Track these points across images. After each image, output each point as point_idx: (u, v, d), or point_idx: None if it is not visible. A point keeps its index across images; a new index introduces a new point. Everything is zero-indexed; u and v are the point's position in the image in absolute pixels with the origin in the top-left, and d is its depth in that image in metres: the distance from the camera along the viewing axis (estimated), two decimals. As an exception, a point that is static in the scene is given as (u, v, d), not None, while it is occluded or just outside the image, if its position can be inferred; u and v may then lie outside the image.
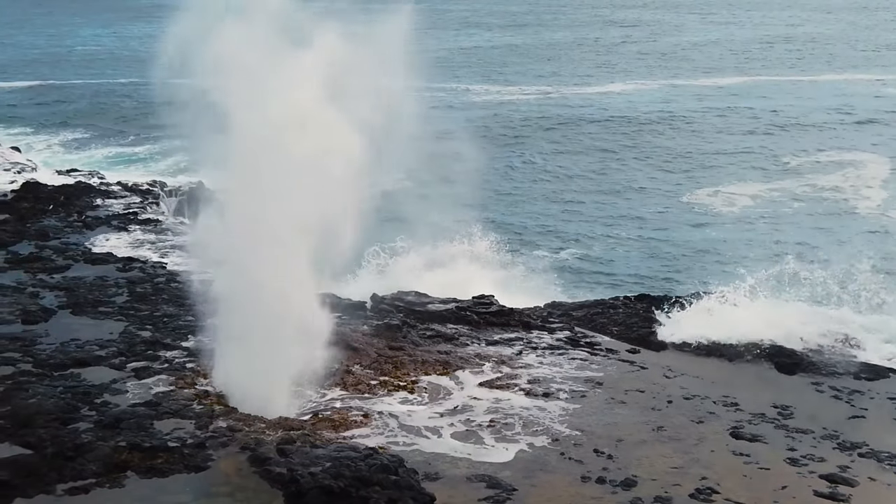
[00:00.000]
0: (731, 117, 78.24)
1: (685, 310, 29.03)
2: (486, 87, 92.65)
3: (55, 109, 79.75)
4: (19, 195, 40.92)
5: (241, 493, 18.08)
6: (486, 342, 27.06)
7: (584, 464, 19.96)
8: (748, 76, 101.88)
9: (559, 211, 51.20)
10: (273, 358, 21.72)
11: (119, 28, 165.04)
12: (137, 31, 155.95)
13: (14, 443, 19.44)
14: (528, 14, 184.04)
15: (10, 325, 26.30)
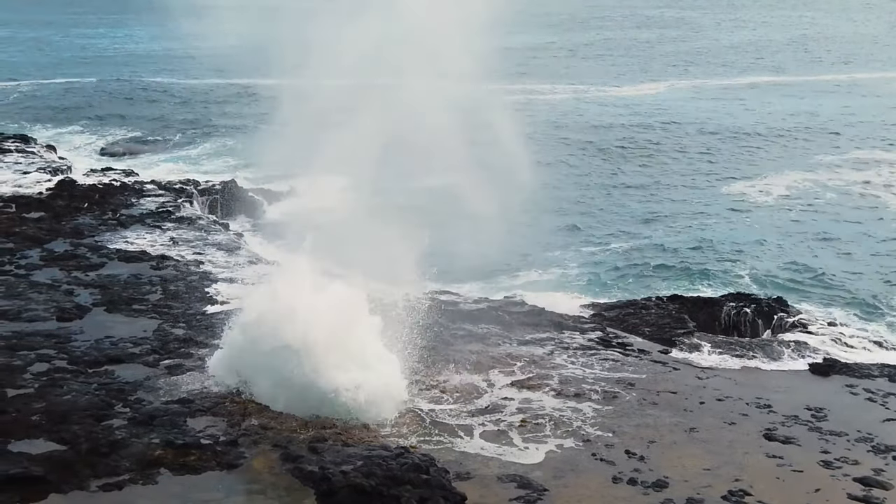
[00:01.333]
0: (768, 116, 77.96)
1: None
2: (521, 85, 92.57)
3: (93, 108, 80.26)
4: (54, 193, 41.24)
5: (272, 491, 18.15)
6: (517, 342, 27.00)
7: (615, 465, 19.91)
8: (784, 76, 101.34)
9: (592, 209, 51.06)
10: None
11: (154, 27, 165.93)
12: (173, 31, 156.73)
13: (49, 439, 19.62)
14: (562, 14, 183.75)
15: (45, 322, 26.51)
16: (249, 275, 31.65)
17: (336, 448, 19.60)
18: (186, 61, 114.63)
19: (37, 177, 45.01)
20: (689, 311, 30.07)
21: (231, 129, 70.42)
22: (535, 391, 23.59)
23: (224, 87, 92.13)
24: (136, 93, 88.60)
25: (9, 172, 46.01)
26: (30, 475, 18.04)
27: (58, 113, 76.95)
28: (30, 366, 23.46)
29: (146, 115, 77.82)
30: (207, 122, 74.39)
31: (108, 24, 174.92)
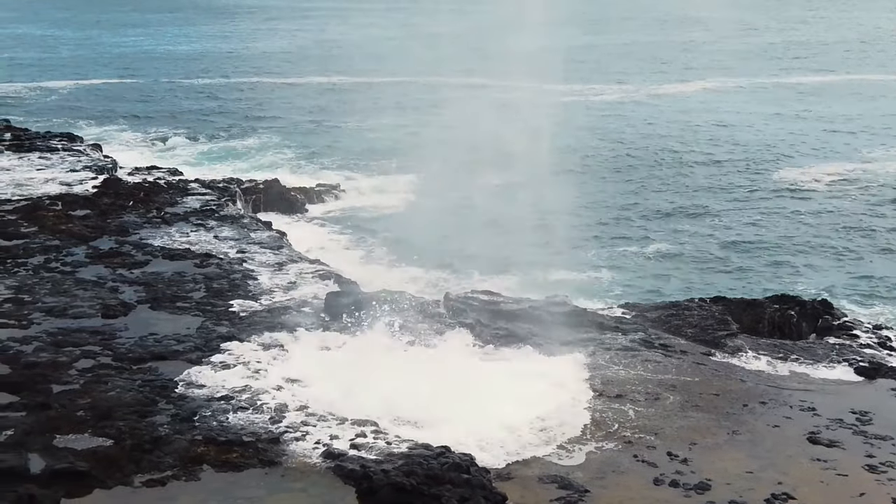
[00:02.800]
0: (814, 114, 77.50)
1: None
2: (566, 86, 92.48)
3: (139, 106, 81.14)
4: (100, 191, 41.63)
5: (314, 489, 18.23)
6: (558, 342, 26.88)
7: (657, 467, 19.81)
8: (830, 76, 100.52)
9: (635, 207, 50.95)
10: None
11: (200, 27, 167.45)
12: (216, 31, 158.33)
13: (94, 434, 19.84)
14: (603, 13, 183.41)
15: (90, 318, 26.79)
16: (291, 273, 31.81)
17: (377, 446, 19.67)
18: (233, 60, 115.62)
19: (83, 175, 45.46)
20: (733, 312, 29.80)
21: (286, 127, 71.04)
22: (575, 392, 23.46)
23: (276, 87, 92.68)
24: (184, 91, 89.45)
25: (56, 170, 46.50)
26: (75, 470, 18.26)
27: (104, 111, 77.88)
28: (75, 362, 23.72)
29: (195, 113, 78.65)
30: (257, 120, 75.09)
31: (157, 23, 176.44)
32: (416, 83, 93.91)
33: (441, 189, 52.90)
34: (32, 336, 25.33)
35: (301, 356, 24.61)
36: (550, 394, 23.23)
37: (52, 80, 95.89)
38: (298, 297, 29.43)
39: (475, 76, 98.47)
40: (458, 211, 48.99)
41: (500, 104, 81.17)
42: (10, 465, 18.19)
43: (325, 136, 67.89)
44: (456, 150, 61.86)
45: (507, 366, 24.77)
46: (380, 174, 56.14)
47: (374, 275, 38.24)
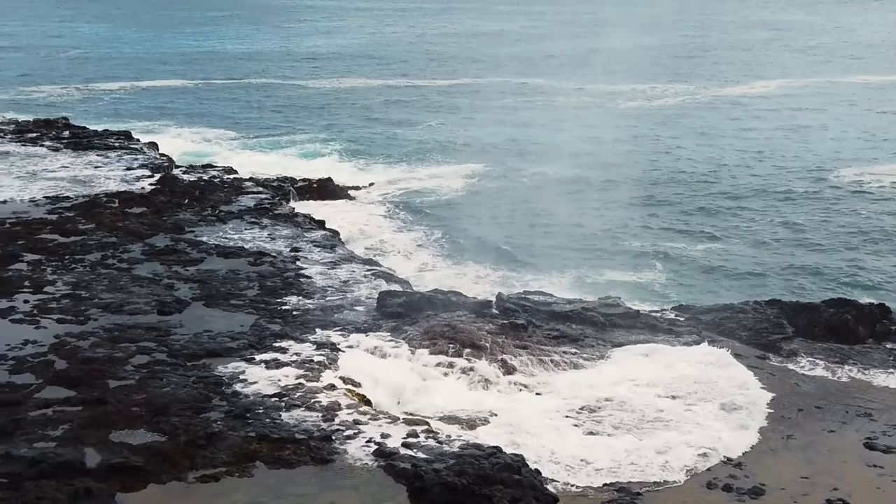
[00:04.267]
0: (876, 114, 76.71)
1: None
2: (632, 86, 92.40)
3: (196, 106, 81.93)
4: (156, 189, 42.07)
5: (365, 487, 18.28)
6: (611, 344, 26.78)
7: (710, 470, 19.67)
8: (893, 75, 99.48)
9: (692, 205, 50.57)
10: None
11: (258, 26, 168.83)
12: (274, 30, 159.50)
13: (149, 430, 20.05)
14: (672, 13, 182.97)
15: (146, 315, 27.08)
16: (344, 272, 31.93)
17: (429, 445, 19.70)
18: (291, 60, 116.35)
19: (139, 173, 45.96)
20: (788, 315, 29.43)
21: (340, 127, 71.48)
22: (630, 393, 23.35)
23: (332, 88, 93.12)
24: (241, 91, 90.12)
25: (113, 169, 47.06)
26: (130, 465, 18.47)
27: (161, 111, 78.68)
28: (131, 358, 23.99)
29: (251, 112, 79.29)
30: (311, 119, 75.55)
31: (214, 22, 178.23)
32: (474, 84, 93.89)
33: (498, 188, 53.13)
34: (89, 332, 25.67)
35: (353, 355, 24.71)
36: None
37: (110, 80, 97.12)
38: (351, 296, 29.55)
39: (532, 77, 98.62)
40: (513, 209, 49.16)
41: (559, 106, 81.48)
42: (66, 459, 18.43)
43: (380, 136, 68.13)
44: (514, 151, 62.19)
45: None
46: (436, 172, 56.27)
47: (427, 269, 38.41)
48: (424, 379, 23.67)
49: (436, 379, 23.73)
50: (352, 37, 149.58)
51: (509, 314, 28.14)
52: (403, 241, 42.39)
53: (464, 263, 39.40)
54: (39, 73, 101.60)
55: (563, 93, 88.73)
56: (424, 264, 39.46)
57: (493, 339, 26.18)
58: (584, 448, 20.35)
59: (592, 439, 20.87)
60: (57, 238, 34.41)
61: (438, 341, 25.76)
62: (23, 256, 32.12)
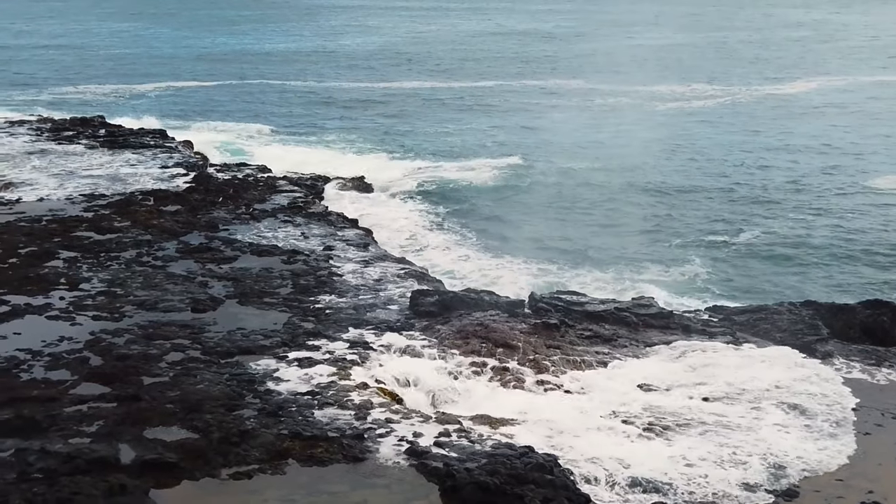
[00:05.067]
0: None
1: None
2: (669, 86, 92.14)
3: (231, 105, 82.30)
4: (191, 187, 42.32)
5: (397, 486, 18.29)
6: (644, 344, 26.67)
7: (746, 471, 19.53)
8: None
9: (728, 204, 50.31)
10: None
11: (294, 26, 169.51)
12: (309, 29, 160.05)
13: (182, 426, 20.15)
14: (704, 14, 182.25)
15: (180, 312, 27.24)
16: (377, 270, 31.98)
17: (461, 444, 19.70)
18: (325, 60, 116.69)
19: (174, 171, 46.26)
20: (823, 317, 29.18)
21: (374, 127, 71.53)
22: (663, 395, 23.28)
23: (365, 88, 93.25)
24: (275, 92, 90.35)
25: (148, 167, 47.38)
26: (164, 461, 18.57)
27: (196, 109, 79.07)
28: (165, 355, 24.14)
29: (285, 111, 79.58)
30: (345, 119, 75.71)
31: (248, 20, 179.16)
32: (508, 86, 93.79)
33: (535, 187, 53.11)
34: (124, 328, 25.86)
35: (386, 354, 24.75)
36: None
37: (146, 79, 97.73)
38: (384, 295, 29.59)
39: (567, 78, 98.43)
40: (550, 206, 49.16)
41: (596, 106, 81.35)
42: (101, 455, 18.55)
43: (414, 134, 68.19)
44: (550, 151, 62.15)
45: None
46: (471, 170, 56.28)
47: (464, 264, 38.45)
48: (457, 378, 23.66)
49: (468, 378, 23.72)
50: (386, 36, 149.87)
51: (542, 314, 28.10)
52: (439, 237, 42.42)
53: (501, 259, 39.44)
54: (76, 72, 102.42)
55: (599, 94, 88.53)
56: (462, 257, 39.51)
57: (526, 338, 26.15)
58: (624, 451, 20.19)
59: (630, 443, 20.72)
60: (92, 235, 34.70)
61: (471, 340, 25.77)
62: (59, 254, 32.41)
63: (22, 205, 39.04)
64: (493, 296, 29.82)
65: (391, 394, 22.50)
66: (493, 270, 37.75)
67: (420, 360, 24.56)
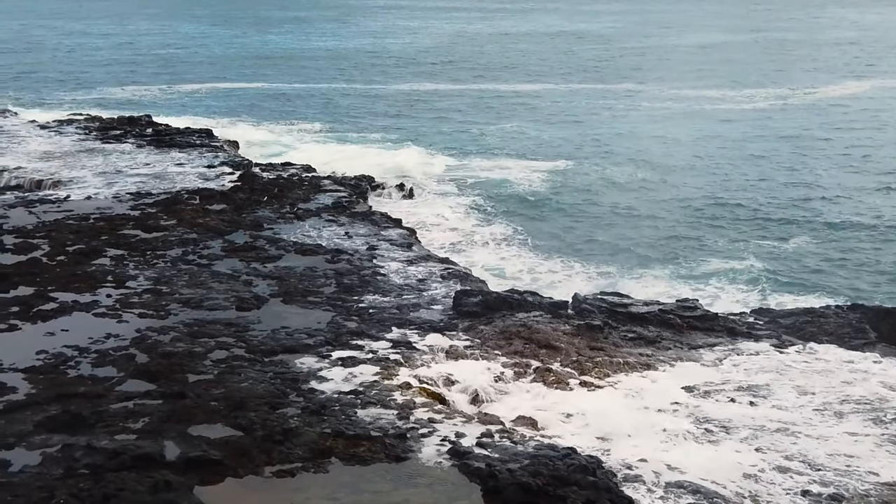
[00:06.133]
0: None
1: None
2: (719, 89, 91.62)
3: (281, 105, 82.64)
4: (236, 186, 42.59)
5: (440, 486, 18.29)
6: (688, 347, 26.52)
7: (788, 476, 19.35)
8: None
9: (778, 206, 49.85)
10: None
11: (343, 26, 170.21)
12: (359, 29, 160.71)
13: (226, 424, 20.28)
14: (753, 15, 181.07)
15: (225, 310, 27.42)
16: (421, 271, 32.02)
17: (503, 445, 19.67)
18: (375, 61, 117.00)
19: (220, 170, 46.57)
20: (871, 320, 28.84)
21: (421, 128, 71.56)
22: (707, 397, 23.13)
23: (415, 90, 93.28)
24: (322, 93, 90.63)
25: (194, 166, 47.74)
26: (208, 458, 18.70)
27: (242, 109, 79.50)
28: (210, 353, 24.32)
29: (332, 111, 79.80)
30: (390, 119, 75.77)
31: (300, 21, 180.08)
32: (555, 89, 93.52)
33: (580, 187, 53.00)
34: (170, 326, 26.08)
35: (429, 354, 24.77)
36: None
37: (194, 79, 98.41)
38: (427, 295, 29.63)
39: (615, 81, 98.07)
40: (598, 206, 49.04)
41: (645, 109, 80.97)
42: (146, 452, 18.72)
43: (460, 135, 67.98)
44: (598, 152, 61.98)
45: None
46: (518, 170, 56.21)
47: (507, 266, 38.46)
48: (499, 379, 23.63)
49: (511, 379, 23.69)
50: (431, 37, 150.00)
51: (585, 315, 28.01)
52: (485, 237, 42.38)
53: (550, 260, 39.44)
54: (125, 72, 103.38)
55: (647, 96, 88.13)
56: (509, 257, 39.51)
57: (569, 339, 26.10)
58: (668, 454, 20.06)
59: (674, 446, 20.58)
60: (139, 234, 35.02)
61: (514, 341, 25.75)
62: (106, 251, 32.75)
63: (70, 203, 39.50)
64: (536, 296, 29.78)
65: (434, 394, 22.51)
66: (545, 274, 37.71)
67: (463, 361, 24.55)
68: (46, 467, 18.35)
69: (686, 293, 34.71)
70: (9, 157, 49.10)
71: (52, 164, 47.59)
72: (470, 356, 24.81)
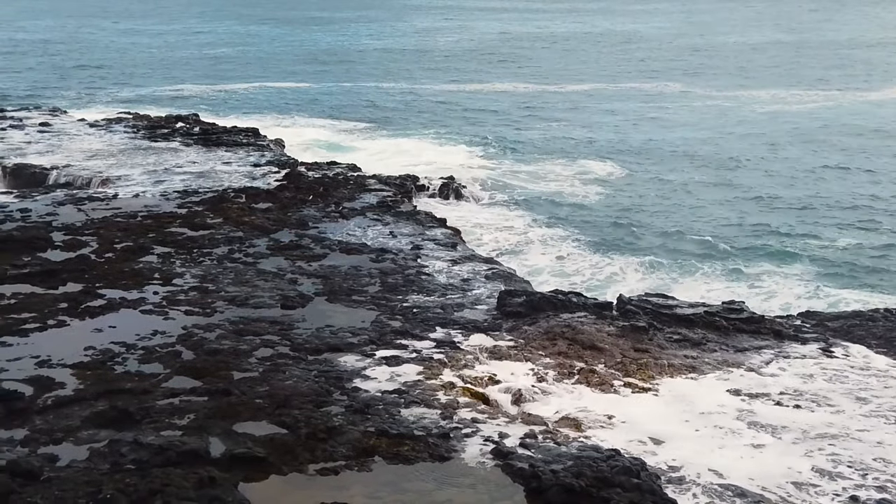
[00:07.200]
0: None
1: None
2: (769, 90, 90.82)
3: (325, 103, 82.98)
4: (282, 185, 42.81)
5: (482, 486, 18.27)
6: (734, 349, 26.29)
7: (836, 480, 19.14)
8: None
9: (826, 207, 49.42)
10: None
11: (390, 26, 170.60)
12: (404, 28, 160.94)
13: (271, 422, 20.38)
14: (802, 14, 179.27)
15: (270, 308, 27.56)
16: (465, 270, 32.01)
17: (547, 446, 19.61)
18: (422, 61, 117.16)
19: (266, 169, 46.84)
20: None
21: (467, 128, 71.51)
22: (752, 400, 22.93)
23: (459, 91, 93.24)
24: (371, 93, 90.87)
25: (240, 164, 48.06)
26: (253, 455, 18.80)
27: (289, 107, 79.99)
28: (255, 350, 24.46)
29: (381, 109, 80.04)
30: (434, 118, 75.84)
31: (347, 21, 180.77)
32: (604, 90, 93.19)
33: (631, 186, 52.81)
34: (215, 324, 26.26)
35: (472, 353, 24.76)
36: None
37: (241, 78, 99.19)
38: (471, 295, 29.62)
39: (665, 81, 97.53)
40: (646, 206, 48.84)
41: (695, 109, 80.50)
42: (192, 448, 18.85)
43: (508, 136, 67.92)
44: (647, 153, 61.71)
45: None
46: (567, 171, 56.11)
47: (554, 264, 38.39)
48: (542, 379, 23.57)
49: (554, 380, 23.62)
50: (479, 38, 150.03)
51: (630, 316, 27.85)
52: (532, 238, 42.33)
53: (601, 258, 39.35)
54: (173, 70, 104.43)
55: (697, 97, 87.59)
56: (558, 257, 39.44)
57: (614, 341, 25.97)
58: (713, 457, 19.90)
59: (720, 448, 20.42)
60: (186, 231, 35.32)
61: (558, 342, 25.67)
62: (153, 249, 33.06)
63: (118, 201, 39.91)
64: (580, 297, 29.67)
65: (477, 394, 22.49)
66: (596, 274, 37.72)
67: (506, 361, 24.51)
68: (93, 462, 18.53)
69: (736, 292, 34.53)
70: (59, 155, 49.70)
71: (100, 162, 48.10)
72: (513, 357, 24.77)
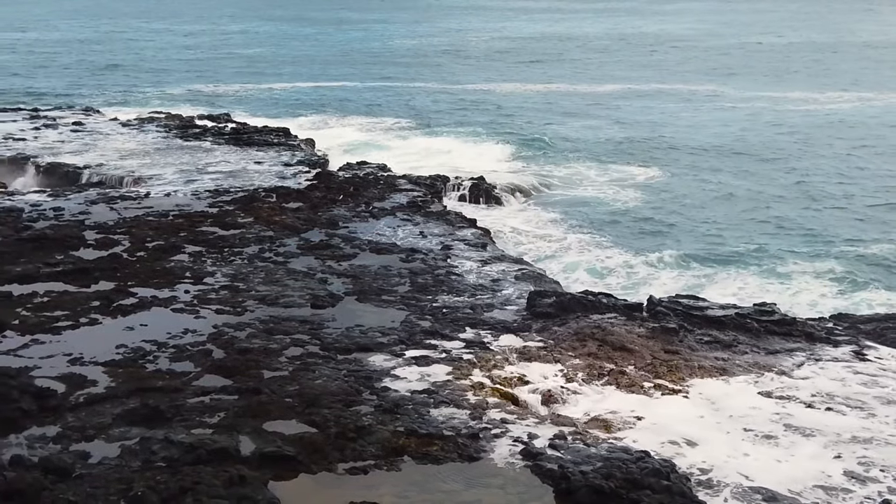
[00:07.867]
0: None
1: None
2: (802, 91, 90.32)
3: (355, 103, 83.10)
4: (313, 185, 42.94)
5: (511, 487, 18.25)
6: (765, 351, 26.12)
7: (867, 485, 18.98)
8: None
9: (867, 217, 48.99)
10: None
11: (418, 28, 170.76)
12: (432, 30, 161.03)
13: (301, 421, 20.45)
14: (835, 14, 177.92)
15: (300, 308, 27.65)
16: (495, 271, 32.00)
17: (576, 447, 19.57)
18: (454, 61, 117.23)
19: (296, 168, 47.00)
20: None
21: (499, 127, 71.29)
22: (784, 402, 22.78)
23: (492, 90, 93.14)
24: (404, 90, 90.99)
25: (272, 164, 48.25)
26: (282, 454, 18.86)
27: (321, 108, 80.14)
28: (285, 349, 24.55)
29: (414, 109, 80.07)
30: (467, 118, 75.71)
31: (377, 21, 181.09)
32: (637, 90, 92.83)
33: (666, 189, 52.61)
34: (246, 322, 26.38)
35: (502, 354, 24.73)
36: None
37: (273, 78, 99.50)
38: (501, 295, 29.60)
39: (698, 83, 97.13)
40: (682, 207, 48.68)
41: (728, 109, 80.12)
42: (222, 446, 18.94)
43: (541, 137, 67.56)
44: (686, 155, 61.48)
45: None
46: (601, 173, 55.95)
47: (589, 265, 38.32)
48: (572, 380, 23.52)
49: (584, 381, 23.56)
50: (511, 37, 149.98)
51: (660, 318, 27.73)
52: (566, 239, 42.15)
53: (633, 258, 39.23)
54: (206, 70, 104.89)
55: (730, 97, 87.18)
56: (592, 260, 39.31)
57: (644, 342, 25.87)
58: (745, 460, 19.76)
59: (752, 451, 20.27)
60: (217, 231, 35.49)
61: (587, 343, 25.60)
62: (184, 248, 33.25)
63: (150, 200, 40.16)
64: (610, 298, 29.56)
65: (507, 394, 22.48)
66: (629, 274, 37.55)
67: (536, 362, 24.48)
68: (125, 460, 18.66)
69: (769, 291, 34.35)
70: (92, 154, 50.09)
71: (132, 161, 48.43)
72: (543, 357, 24.72)
